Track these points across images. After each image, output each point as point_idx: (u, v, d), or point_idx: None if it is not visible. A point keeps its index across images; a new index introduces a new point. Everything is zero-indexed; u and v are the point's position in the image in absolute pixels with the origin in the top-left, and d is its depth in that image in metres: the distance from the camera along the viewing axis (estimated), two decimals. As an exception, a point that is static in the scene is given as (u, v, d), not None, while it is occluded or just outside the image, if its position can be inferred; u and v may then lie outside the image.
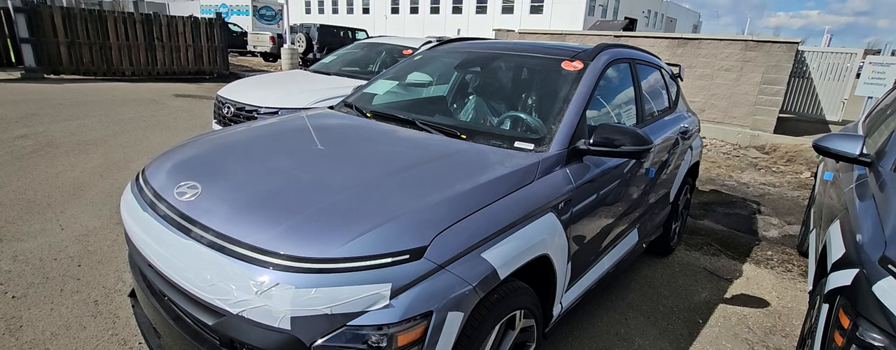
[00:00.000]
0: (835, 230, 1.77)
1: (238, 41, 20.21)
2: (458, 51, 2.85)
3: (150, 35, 11.05)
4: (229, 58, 13.93)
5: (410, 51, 5.02)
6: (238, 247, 1.25)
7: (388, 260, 1.20)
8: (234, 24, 21.91)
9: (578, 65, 2.23)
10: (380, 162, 1.68)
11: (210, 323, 1.25)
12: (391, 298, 1.17)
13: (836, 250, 1.60)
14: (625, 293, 2.80)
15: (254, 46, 19.22)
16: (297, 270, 1.17)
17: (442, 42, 3.10)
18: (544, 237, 1.60)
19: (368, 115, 2.31)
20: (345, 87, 4.31)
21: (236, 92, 4.17)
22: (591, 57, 2.28)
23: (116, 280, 2.51)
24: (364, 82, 4.44)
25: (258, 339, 1.18)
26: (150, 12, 11.37)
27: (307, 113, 2.47)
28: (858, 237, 1.52)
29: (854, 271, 1.40)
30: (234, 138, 1.99)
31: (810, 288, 2.14)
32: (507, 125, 2.24)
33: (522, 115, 2.23)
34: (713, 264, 3.30)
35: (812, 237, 2.78)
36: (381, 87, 2.78)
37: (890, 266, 1.31)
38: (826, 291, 1.51)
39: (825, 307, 1.48)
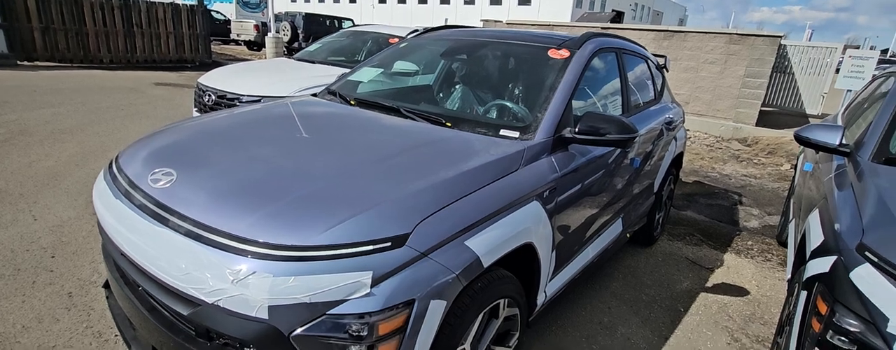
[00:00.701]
0: (814, 219, 1.79)
1: (221, 29, 19.77)
2: (444, 38, 2.82)
3: (129, 21, 10.75)
4: (212, 46, 13.62)
5: (397, 40, 4.96)
6: (213, 234, 1.21)
7: (370, 247, 1.17)
8: (217, 12, 21.42)
9: (565, 53, 2.21)
10: (363, 149, 1.66)
11: (185, 313, 1.22)
12: (372, 286, 1.14)
13: (815, 238, 1.63)
14: (608, 282, 2.82)
15: (237, 35, 18.84)
16: (276, 258, 1.14)
17: (427, 30, 3.06)
18: (529, 225, 1.59)
19: (352, 102, 2.27)
20: (330, 75, 4.22)
21: (218, 79, 4.08)
22: (577, 45, 2.27)
23: (92, 272, 2.45)
24: (349, 70, 4.36)
25: (235, 328, 1.15)
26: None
27: (290, 100, 2.42)
28: (837, 225, 1.54)
29: (832, 258, 1.42)
30: (212, 125, 1.94)
31: (789, 276, 2.18)
32: (492, 113, 2.22)
33: (508, 103, 2.21)
34: (695, 254, 3.34)
35: (791, 227, 2.83)
36: (366, 75, 2.74)
37: (867, 253, 1.33)
38: (804, 278, 1.53)
39: (803, 294, 1.50)
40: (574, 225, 2.01)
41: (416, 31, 5.14)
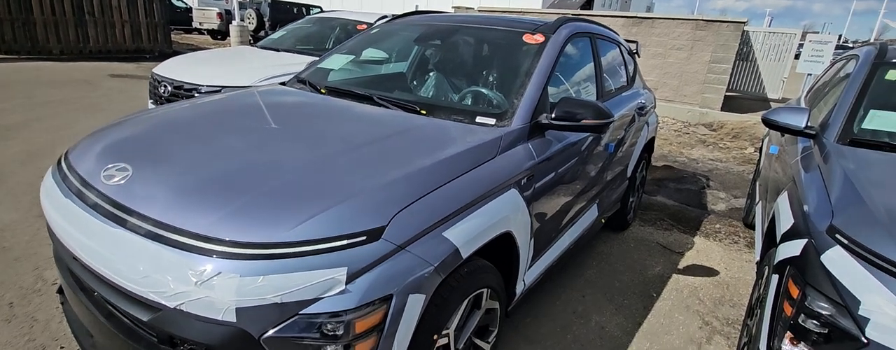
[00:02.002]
0: (783, 201, 1.80)
1: (183, 17, 18.89)
2: (417, 24, 2.75)
3: (80, 9, 10.12)
4: (175, 36, 13.01)
5: (365, 26, 4.80)
6: (174, 234, 1.14)
7: (344, 242, 1.12)
8: (179, 0, 20.52)
9: (540, 38, 2.18)
10: (335, 139, 1.59)
11: (145, 319, 1.14)
12: (348, 283, 1.09)
13: (785, 221, 1.63)
14: (582, 271, 2.81)
15: (200, 23, 18.05)
16: (242, 257, 1.07)
17: (399, 15, 2.97)
18: (507, 214, 1.57)
19: (323, 90, 2.19)
20: (295, 63, 4.07)
21: (174, 69, 3.86)
22: (552, 30, 2.24)
23: (36, 279, 2.27)
24: (316, 58, 4.22)
25: (200, 333, 1.08)
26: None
27: (257, 89, 2.32)
28: (806, 208, 1.54)
29: (803, 241, 1.42)
30: (171, 116, 1.84)
31: (757, 258, 2.21)
32: (468, 100, 2.17)
33: (483, 90, 2.17)
34: (666, 239, 3.38)
35: (758, 209, 2.88)
36: (337, 63, 2.64)
37: (837, 236, 1.33)
38: (775, 262, 1.53)
39: (775, 278, 1.50)
40: (551, 212, 1.99)
41: (385, 17, 5.04)
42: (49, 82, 7.18)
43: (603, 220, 2.90)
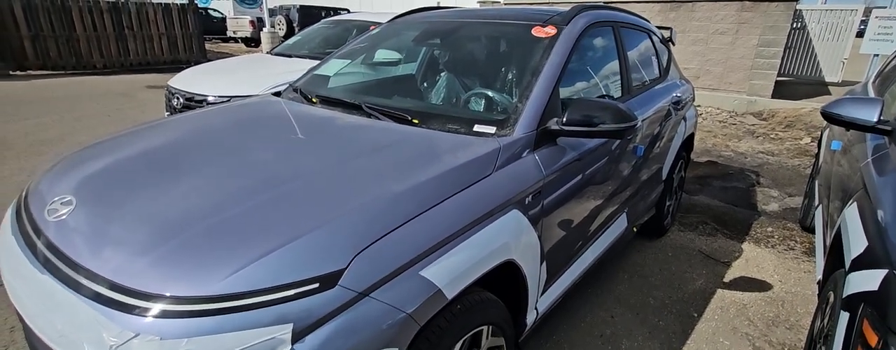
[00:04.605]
0: (852, 215, 1.47)
1: (219, 27, 19.54)
2: (417, 22, 2.55)
3: (120, 24, 10.54)
4: (211, 45, 13.38)
5: (375, 26, 4.64)
6: (94, 283, 1.00)
7: (290, 292, 0.95)
8: (215, 10, 21.16)
9: (551, 30, 1.93)
10: (302, 160, 1.42)
11: None
12: (295, 342, 0.92)
13: (856, 242, 1.32)
14: (612, 286, 2.53)
15: (234, 32, 18.60)
16: (166, 315, 0.93)
17: (401, 14, 2.78)
18: (506, 240, 1.35)
19: (314, 100, 2.03)
20: (306, 70, 3.97)
21: (186, 81, 3.83)
22: (566, 21, 1.99)
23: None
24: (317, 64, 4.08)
25: None
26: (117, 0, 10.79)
27: (245, 101, 2.21)
28: (885, 228, 1.23)
29: (881, 273, 1.12)
30: (139, 138, 1.72)
31: (819, 277, 1.87)
32: (465, 106, 1.95)
33: (482, 93, 1.94)
34: (709, 246, 3.03)
35: (818, 213, 2.50)
36: (333, 68, 2.48)
37: (929, 269, 1.03)
38: (845, 295, 1.23)
39: (845, 316, 1.20)
40: (568, 228, 1.75)
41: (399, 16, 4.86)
42: (89, 96, 7.47)
43: (635, 229, 2.61)
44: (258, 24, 17.79)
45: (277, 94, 2.31)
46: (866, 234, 1.29)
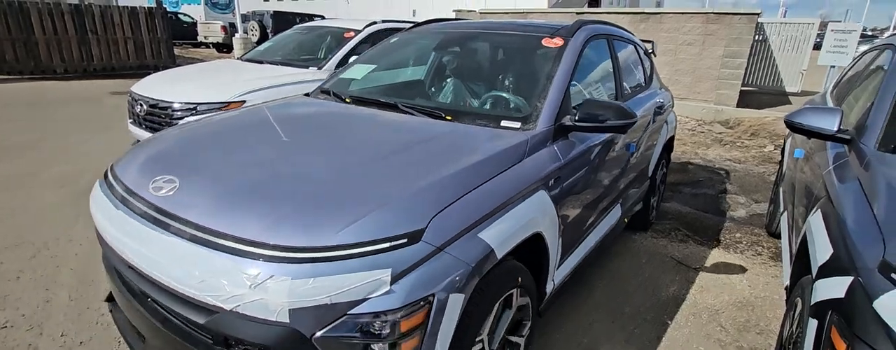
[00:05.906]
0: (816, 222, 1.51)
1: (189, 32, 19.08)
2: (436, 32, 2.81)
3: (83, 27, 10.14)
4: (181, 50, 13.00)
5: (352, 33, 4.60)
6: (227, 240, 1.19)
7: (387, 245, 1.16)
8: (185, 15, 20.66)
9: (559, 41, 2.20)
10: (366, 147, 1.64)
11: (201, 321, 1.19)
12: (392, 284, 1.14)
13: (822, 249, 1.35)
14: (590, 292, 2.54)
15: (205, 37, 18.20)
16: (293, 261, 1.12)
17: (417, 24, 3.03)
18: (537, 215, 1.60)
19: (348, 100, 2.24)
20: (278, 76, 3.88)
21: (150, 87, 3.68)
22: (570, 33, 2.26)
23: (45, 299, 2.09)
24: (300, 70, 4.07)
25: (255, 334, 1.13)
26: (80, 2, 10.41)
27: (284, 101, 2.39)
28: (846, 233, 1.26)
29: (847, 280, 1.14)
30: (206, 130, 1.91)
31: (787, 283, 1.91)
32: (492, 105, 2.21)
33: (507, 95, 2.21)
34: (681, 252, 3.09)
35: (784, 219, 2.57)
36: (358, 72, 2.65)
37: (894, 275, 1.05)
38: (813, 302, 1.25)
39: (813, 323, 1.22)
40: (578, 212, 2.00)
41: (374, 23, 4.83)
42: (52, 102, 7.16)
43: (626, 220, 2.83)
44: (230, 29, 17.44)
45: (307, 94, 2.47)
46: (831, 241, 1.32)
